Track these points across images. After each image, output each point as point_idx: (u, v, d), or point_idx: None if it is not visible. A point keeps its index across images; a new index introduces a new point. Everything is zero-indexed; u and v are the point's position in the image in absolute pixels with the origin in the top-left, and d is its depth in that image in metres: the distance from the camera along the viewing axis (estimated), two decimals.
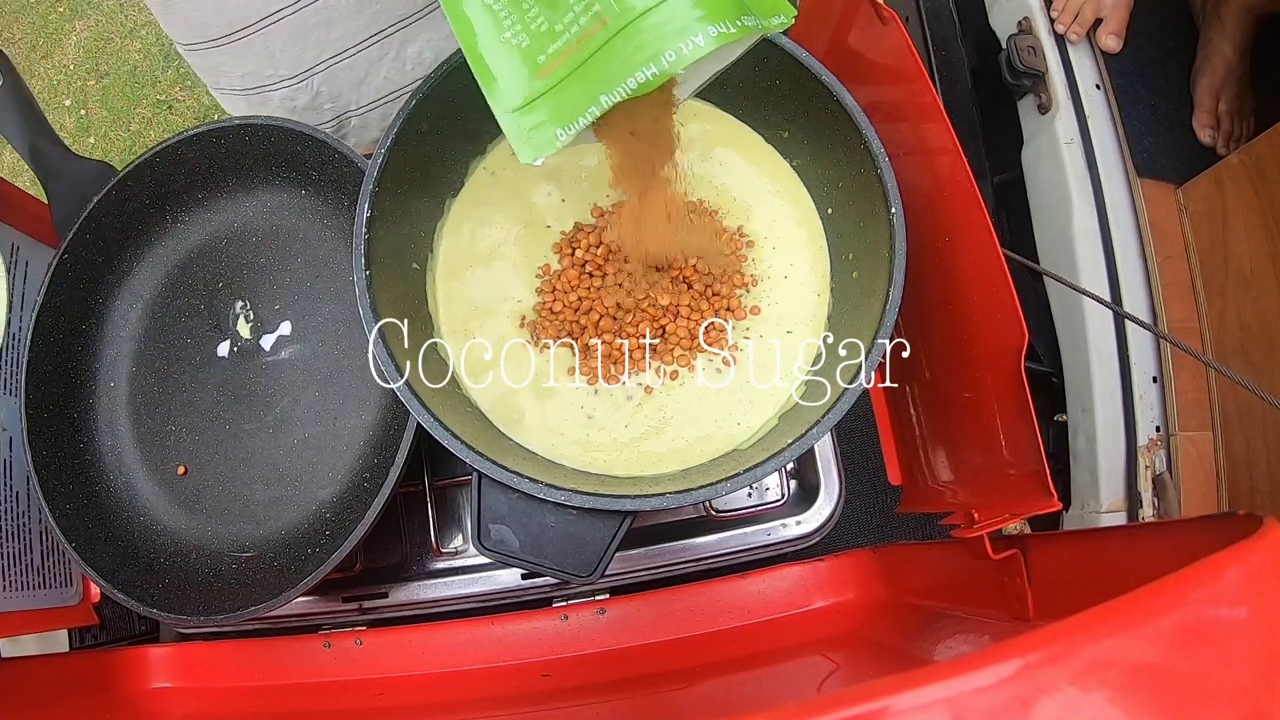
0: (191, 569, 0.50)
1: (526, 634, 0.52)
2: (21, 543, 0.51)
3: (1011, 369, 0.37)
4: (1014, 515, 0.38)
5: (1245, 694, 0.19)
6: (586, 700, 0.48)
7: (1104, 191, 0.76)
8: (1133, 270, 0.75)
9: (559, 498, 0.37)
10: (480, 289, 0.47)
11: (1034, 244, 0.82)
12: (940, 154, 0.41)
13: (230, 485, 0.52)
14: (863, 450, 1.03)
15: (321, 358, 0.53)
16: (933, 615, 0.45)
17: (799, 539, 0.54)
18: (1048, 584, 0.37)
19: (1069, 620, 0.19)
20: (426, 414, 0.38)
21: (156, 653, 0.54)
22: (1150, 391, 0.73)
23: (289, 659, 0.53)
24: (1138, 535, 0.32)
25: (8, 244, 0.54)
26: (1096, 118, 0.78)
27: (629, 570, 0.54)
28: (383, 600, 0.55)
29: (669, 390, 0.45)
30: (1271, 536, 0.21)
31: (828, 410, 0.37)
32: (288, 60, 0.58)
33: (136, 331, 0.55)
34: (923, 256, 0.43)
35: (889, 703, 0.18)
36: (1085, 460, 0.75)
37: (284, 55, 0.57)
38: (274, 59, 0.57)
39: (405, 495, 0.56)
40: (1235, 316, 0.72)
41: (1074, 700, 0.18)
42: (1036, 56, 0.80)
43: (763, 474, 0.37)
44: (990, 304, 0.39)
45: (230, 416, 0.53)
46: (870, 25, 0.45)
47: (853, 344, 0.41)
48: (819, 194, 0.47)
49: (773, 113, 0.47)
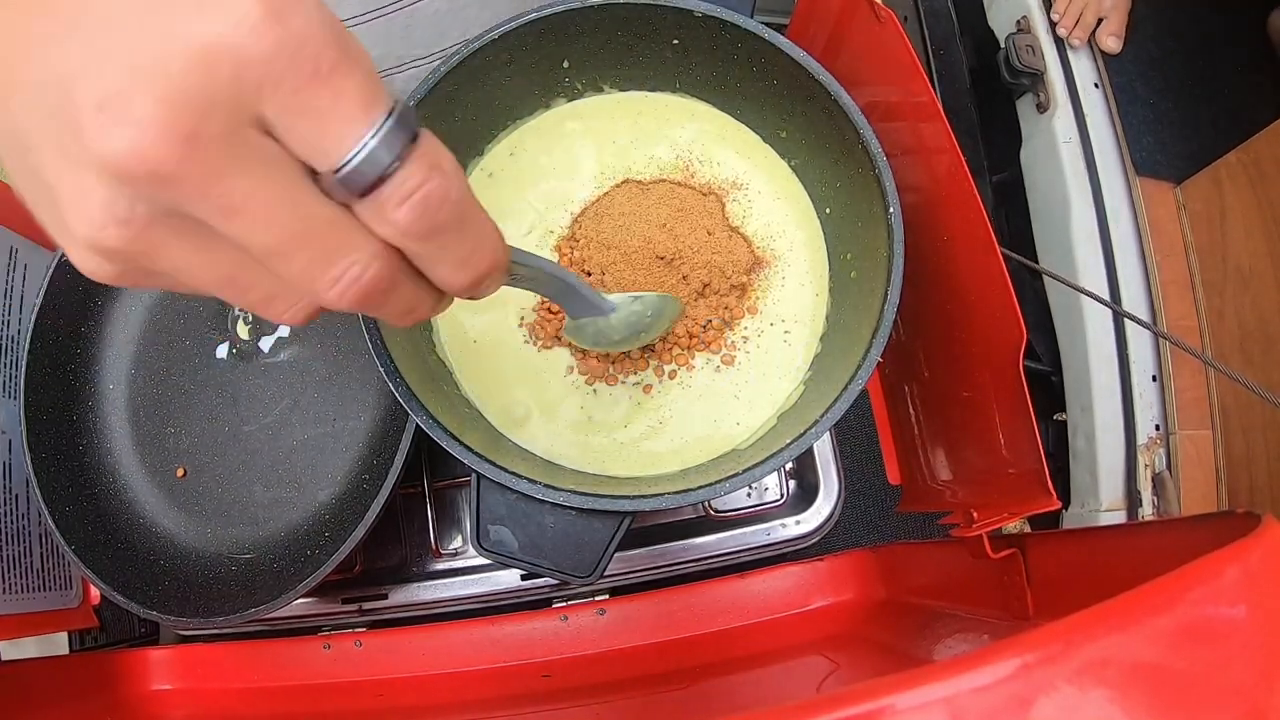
0: (191, 571, 0.50)
1: (526, 635, 0.52)
2: (21, 545, 0.51)
3: (1010, 368, 0.37)
4: (1013, 514, 0.38)
5: (1244, 692, 0.19)
6: (587, 700, 0.48)
7: (1103, 190, 0.76)
8: (1132, 269, 0.75)
9: (558, 498, 0.37)
10: None
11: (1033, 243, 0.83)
12: (938, 153, 0.41)
13: (230, 487, 0.52)
14: (862, 450, 1.03)
15: (320, 359, 0.53)
16: (932, 615, 0.45)
17: (798, 539, 0.54)
18: (1047, 583, 0.37)
19: (1067, 619, 0.19)
20: (425, 415, 0.38)
21: (156, 655, 0.54)
22: (1150, 390, 0.73)
23: (289, 660, 0.53)
24: (1136, 534, 0.32)
25: (6, 246, 0.54)
26: (1095, 117, 0.78)
27: (628, 570, 0.54)
28: (382, 601, 0.55)
29: (668, 390, 0.45)
30: (1270, 535, 0.21)
31: (826, 410, 0.37)
32: (424, 41, 0.51)
33: (135, 334, 0.55)
34: (921, 256, 0.43)
35: (888, 702, 0.18)
36: (1085, 459, 0.75)
37: (423, 35, 0.50)
38: (410, 40, 0.50)
39: (404, 496, 0.56)
40: (1234, 314, 0.72)
41: (1072, 699, 0.18)
42: (1035, 56, 0.80)
43: (762, 474, 0.37)
44: (989, 303, 0.39)
45: (229, 418, 0.53)
46: (868, 25, 0.45)
47: (851, 344, 0.41)
48: (817, 194, 0.47)
49: (770, 113, 0.47)
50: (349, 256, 0.19)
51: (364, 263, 0.20)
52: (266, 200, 0.18)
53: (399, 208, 0.19)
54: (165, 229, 0.18)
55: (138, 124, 0.16)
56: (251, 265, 0.19)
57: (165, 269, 0.19)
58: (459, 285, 0.22)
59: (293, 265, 0.19)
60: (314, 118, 0.18)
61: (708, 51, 0.45)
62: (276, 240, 0.19)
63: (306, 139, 0.18)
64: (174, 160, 0.17)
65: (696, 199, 0.47)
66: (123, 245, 0.18)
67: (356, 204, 0.19)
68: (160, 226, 0.18)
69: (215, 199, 0.18)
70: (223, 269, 0.19)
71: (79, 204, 0.18)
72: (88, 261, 0.19)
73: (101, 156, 0.17)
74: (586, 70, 0.47)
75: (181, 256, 0.19)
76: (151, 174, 0.17)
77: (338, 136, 0.18)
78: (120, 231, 0.18)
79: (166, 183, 0.17)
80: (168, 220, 0.18)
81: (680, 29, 0.44)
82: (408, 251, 0.21)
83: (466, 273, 0.22)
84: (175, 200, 0.18)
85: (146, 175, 0.17)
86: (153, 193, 0.17)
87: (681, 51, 0.46)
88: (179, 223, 0.18)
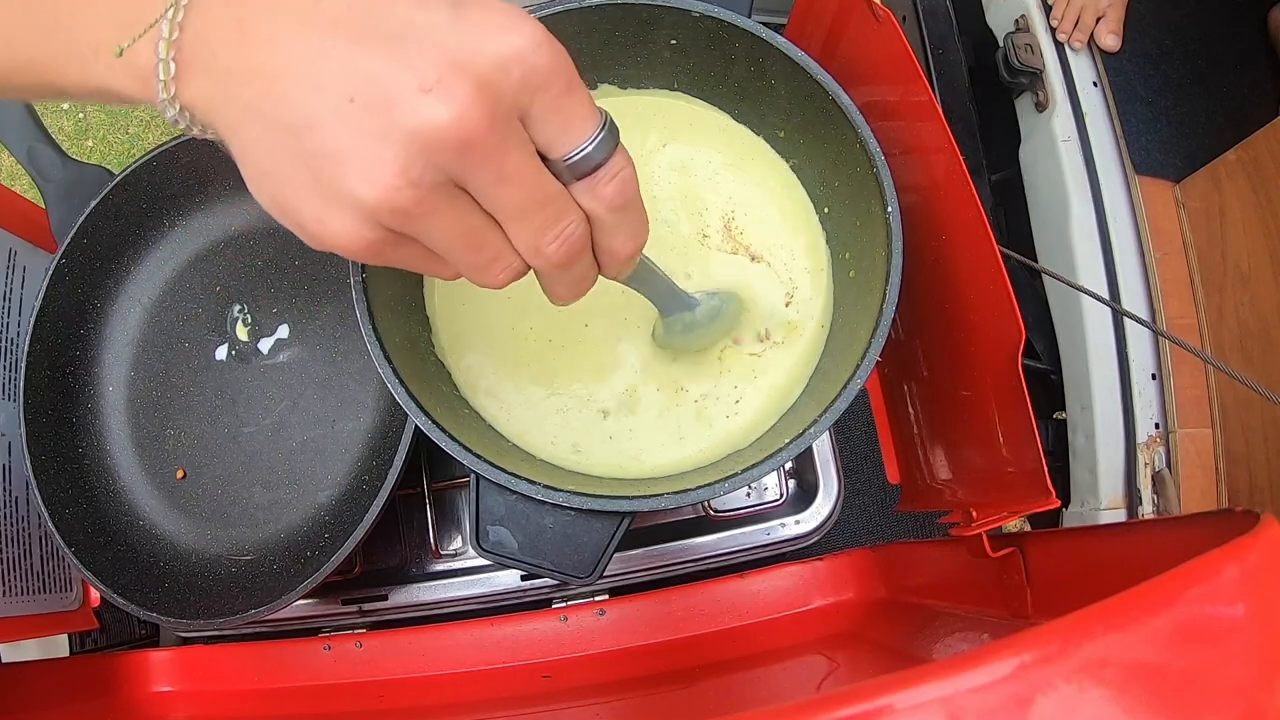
0: (191, 572, 0.50)
1: (526, 635, 0.52)
2: (21, 548, 0.51)
3: (1009, 367, 0.37)
4: (1012, 513, 0.38)
5: (1242, 691, 0.19)
6: (587, 701, 0.48)
7: (1101, 189, 0.76)
8: (1131, 267, 0.75)
9: (557, 499, 0.37)
10: (478, 290, 0.47)
11: (1032, 242, 0.82)
12: (937, 153, 0.41)
13: (229, 488, 0.52)
14: (861, 449, 1.03)
15: (319, 361, 0.53)
16: (932, 614, 0.45)
17: (798, 538, 0.54)
18: (1046, 582, 0.37)
19: (1066, 618, 0.19)
20: (424, 416, 0.38)
21: (157, 656, 0.54)
22: (1149, 388, 0.73)
23: (289, 662, 0.53)
24: (1135, 532, 0.32)
25: (5, 248, 0.54)
26: (1094, 115, 0.78)
27: (628, 571, 0.54)
28: (382, 603, 0.55)
29: (669, 392, 0.45)
30: (1269, 534, 0.21)
31: (825, 409, 0.37)
32: None
33: (135, 336, 0.55)
34: (920, 255, 0.43)
35: (887, 701, 0.18)
36: (1084, 457, 0.75)
37: None
38: None
39: (404, 497, 0.56)
40: (1234, 313, 0.72)
41: (1071, 699, 0.18)
42: (1034, 54, 0.80)
43: (761, 474, 0.37)
44: (987, 302, 0.39)
45: (229, 420, 0.53)
46: (866, 24, 0.45)
47: (850, 343, 0.41)
48: (815, 193, 0.47)
49: (768, 112, 0.47)
50: (568, 218, 0.26)
51: (576, 224, 0.26)
52: (526, 173, 0.24)
53: (609, 184, 0.26)
54: (441, 194, 0.23)
55: (460, 101, 0.22)
56: (491, 230, 0.25)
57: (426, 230, 0.24)
58: (627, 252, 0.29)
59: (531, 222, 0.25)
60: (563, 117, 0.25)
61: (706, 51, 0.45)
62: (524, 202, 0.25)
63: (554, 132, 0.25)
64: (481, 131, 0.22)
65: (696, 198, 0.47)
66: (407, 204, 0.23)
67: (574, 184, 0.26)
68: (439, 192, 0.23)
69: (495, 167, 0.23)
70: (471, 231, 0.25)
71: (374, 170, 0.22)
72: (355, 227, 0.23)
73: (417, 128, 0.22)
74: (584, 70, 0.46)
75: (445, 219, 0.24)
76: (463, 141, 0.22)
77: (578, 132, 0.25)
78: (411, 193, 0.23)
79: (469, 149, 0.22)
80: (443, 188, 0.23)
81: (678, 29, 0.44)
82: (600, 222, 0.27)
83: (634, 242, 0.29)
84: (465, 166, 0.23)
85: (458, 142, 0.22)
86: (451, 159, 0.22)
87: (680, 51, 0.45)
88: (451, 191, 0.24)
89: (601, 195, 0.26)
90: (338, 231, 0.24)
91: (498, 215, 0.25)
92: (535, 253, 0.26)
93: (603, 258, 0.29)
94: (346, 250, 0.24)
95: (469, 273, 0.27)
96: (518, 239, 0.26)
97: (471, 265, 0.26)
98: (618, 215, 0.27)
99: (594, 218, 0.27)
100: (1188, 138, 0.82)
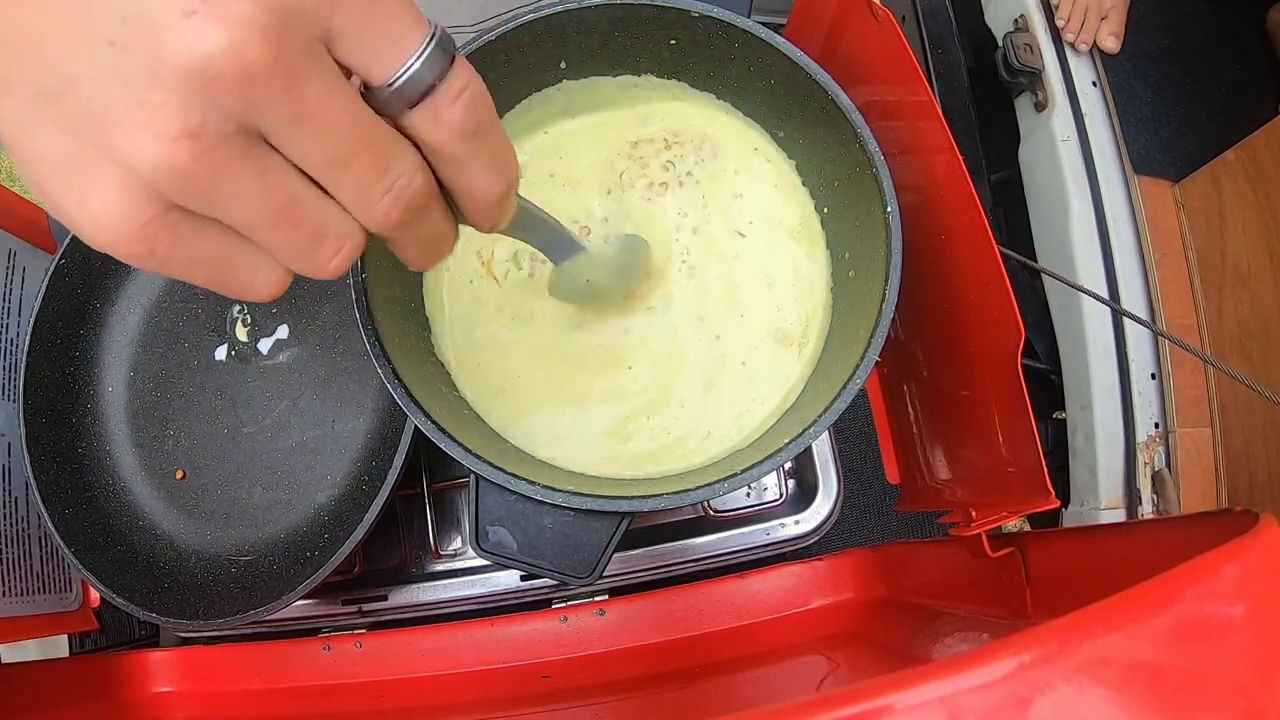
0: (191, 573, 0.50)
1: (526, 635, 0.52)
2: (20, 548, 0.51)
3: (1008, 367, 0.37)
4: (1012, 513, 0.38)
5: (1242, 691, 0.19)
6: (587, 701, 0.48)
7: (1101, 188, 0.76)
8: (1130, 267, 0.75)
9: (556, 499, 0.37)
10: (478, 290, 0.47)
11: (1032, 241, 0.83)
12: (936, 152, 0.41)
13: (229, 489, 0.52)
14: (861, 449, 1.03)
15: (319, 361, 0.53)
16: (931, 614, 0.45)
17: (797, 538, 0.54)
18: (1046, 581, 0.37)
19: (1065, 618, 0.19)
20: (423, 417, 0.38)
21: (157, 657, 0.54)
22: (1149, 388, 0.73)
23: (289, 662, 0.53)
24: (1135, 532, 0.32)
25: (5, 249, 0.54)
26: (1093, 115, 0.78)
27: (628, 571, 0.54)
28: (382, 603, 0.55)
29: (669, 391, 0.45)
30: (1268, 533, 0.21)
31: (825, 409, 0.37)
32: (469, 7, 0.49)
33: (134, 336, 0.55)
34: (919, 255, 0.43)
35: (887, 701, 0.18)
36: (1084, 457, 0.75)
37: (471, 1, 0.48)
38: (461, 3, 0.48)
39: (403, 498, 0.56)
40: (1233, 312, 0.72)
41: (1070, 698, 0.18)
42: (1033, 54, 0.80)
43: (760, 474, 0.37)
44: (987, 302, 0.39)
45: (228, 420, 0.53)
46: (865, 24, 0.45)
47: (850, 343, 0.41)
48: (815, 193, 0.47)
49: (768, 112, 0.47)
50: (398, 167, 0.21)
51: (410, 173, 0.21)
52: (334, 109, 0.19)
53: (452, 105, 0.21)
54: (231, 147, 0.18)
55: (235, 23, 0.17)
56: (306, 195, 0.20)
57: (221, 199, 0.19)
58: (496, 191, 0.24)
59: (349, 174, 0.20)
60: (376, 30, 0.20)
61: (705, 51, 0.45)
62: (337, 147, 0.20)
63: (369, 52, 0.20)
64: (266, 58, 0.18)
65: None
66: (188, 160, 0.18)
67: (405, 116, 0.21)
68: (228, 144, 0.18)
69: (293, 104, 0.19)
70: (278, 197, 0.20)
71: (145, 123, 0.18)
72: (126, 204, 0.19)
73: (187, 61, 0.17)
74: (584, 71, 0.47)
75: (244, 181, 0.19)
76: (243, 73, 0.17)
77: (399, 49, 0.20)
78: (190, 144, 0.18)
79: (253, 83, 0.18)
80: (235, 138, 0.18)
81: (678, 29, 0.44)
82: (450, 158, 0.22)
83: (501, 176, 0.24)
84: (253, 105, 0.18)
85: (237, 74, 0.17)
86: (234, 97, 0.18)
87: (679, 51, 0.45)
88: (244, 142, 0.19)
89: (445, 120, 0.21)
90: (100, 212, 0.18)
91: (309, 169, 0.20)
92: (365, 211, 0.21)
93: (464, 203, 0.24)
94: (118, 241, 0.19)
95: (292, 259, 0.21)
96: (342, 197, 0.21)
97: (291, 247, 0.21)
98: (470, 144, 0.22)
99: (442, 154, 0.22)
100: (1187, 138, 0.82)
